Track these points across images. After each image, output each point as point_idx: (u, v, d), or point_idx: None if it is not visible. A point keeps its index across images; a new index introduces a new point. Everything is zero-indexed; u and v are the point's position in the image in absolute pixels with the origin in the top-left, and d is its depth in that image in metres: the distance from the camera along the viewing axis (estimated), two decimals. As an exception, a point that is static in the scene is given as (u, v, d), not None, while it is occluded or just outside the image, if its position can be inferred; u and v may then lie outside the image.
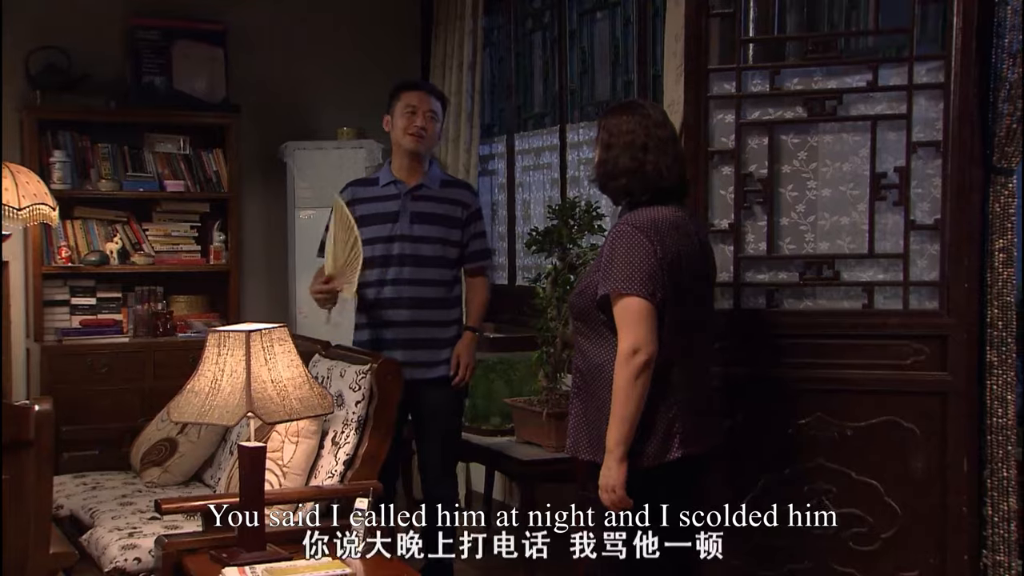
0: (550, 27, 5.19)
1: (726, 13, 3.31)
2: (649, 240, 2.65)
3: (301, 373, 3.04)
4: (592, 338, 2.75)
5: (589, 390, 2.76)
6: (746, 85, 3.27)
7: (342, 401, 3.51)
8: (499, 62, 5.61)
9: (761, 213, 3.27)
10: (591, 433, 2.75)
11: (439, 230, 3.81)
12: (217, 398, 2.89)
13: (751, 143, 3.28)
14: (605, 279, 2.66)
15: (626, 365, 2.61)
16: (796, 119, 3.23)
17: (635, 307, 2.63)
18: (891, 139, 3.14)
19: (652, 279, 2.63)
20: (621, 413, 2.62)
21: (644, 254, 2.64)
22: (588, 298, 2.73)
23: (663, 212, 2.73)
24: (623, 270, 2.64)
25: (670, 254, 2.67)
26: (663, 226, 2.69)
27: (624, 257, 2.65)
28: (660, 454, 2.68)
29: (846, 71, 3.19)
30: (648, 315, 2.63)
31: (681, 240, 2.72)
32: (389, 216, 3.81)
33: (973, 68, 2.99)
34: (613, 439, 2.63)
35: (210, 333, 2.98)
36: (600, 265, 2.71)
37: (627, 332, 2.62)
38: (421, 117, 3.77)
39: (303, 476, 3.43)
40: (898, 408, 3.10)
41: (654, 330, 2.63)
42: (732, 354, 3.23)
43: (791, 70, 3.27)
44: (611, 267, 2.65)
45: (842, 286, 3.22)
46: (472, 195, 3.94)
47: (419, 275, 3.78)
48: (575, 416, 2.81)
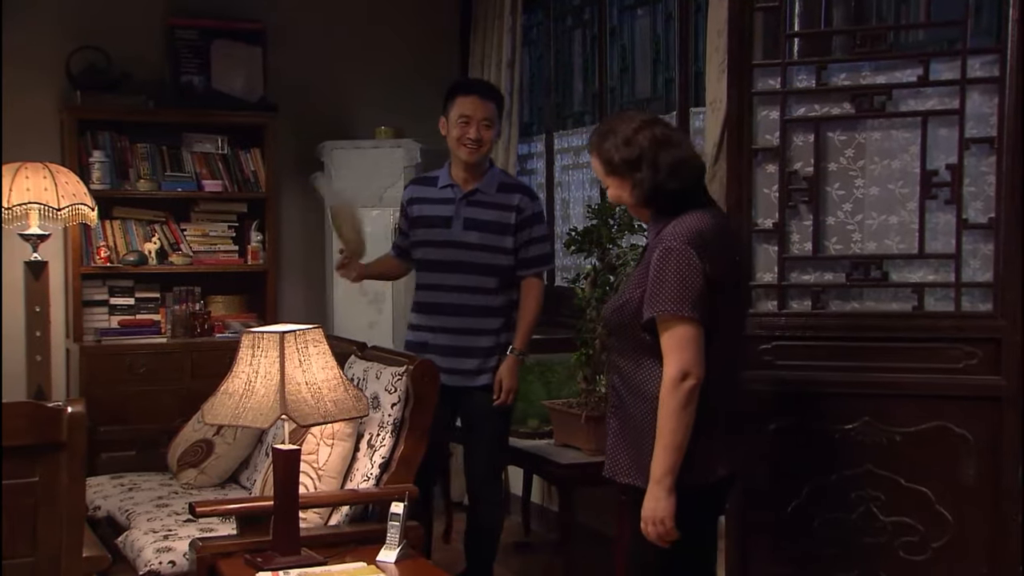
0: (590, 24, 5.12)
1: (771, 7, 3.22)
2: (700, 256, 2.52)
3: (336, 375, 3.00)
4: (630, 356, 2.63)
5: (628, 411, 2.65)
6: (791, 81, 3.19)
7: (378, 403, 3.47)
8: (538, 60, 5.56)
9: (807, 212, 3.19)
10: (631, 455, 2.64)
11: (490, 237, 3.73)
12: (251, 400, 2.86)
13: (796, 140, 3.20)
14: (654, 300, 2.52)
15: (675, 391, 2.49)
16: (843, 115, 3.14)
17: (685, 331, 2.50)
18: (942, 135, 3.05)
19: (702, 300, 2.51)
20: (671, 441, 2.50)
21: (695, 273, 2.51)
22: (628, 314, 2.60)
23: (704, 219, 2.60)
24: (674, 291, 2.50)
25: (718, 268, 2.55)
26: (709, 236, 2.57)
27: (675, 277, 2.50)
28: (705, 475, 2.58)
29: (896, 66, 3.10)
30: (698, 339, 2.51)
31: (725, 250, 2.62)
32: (443, 220, 3.77)
33: (1030, 62, 2.89)
34: (661, 469, 2.51)
35: (244, 334, 2.95)
36: (643, 281, 2.57)
37: (676, 356, 2.50)
38: (475, 128, 3.69)
39: (338, 479, 3.40)
40: (949, 413, 3.01)
41: (702, 353, 2.51)
42: (777, 357, 3.15)
43: (838, 65, 3.19)
44: (661, 287, 2.51)
45: (891, 287, 3.13)
46: (528, 199, 3.81)
47: (467, 282, 3.73)
48: (613, 436, 2.70)
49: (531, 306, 3.77)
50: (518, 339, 3.76)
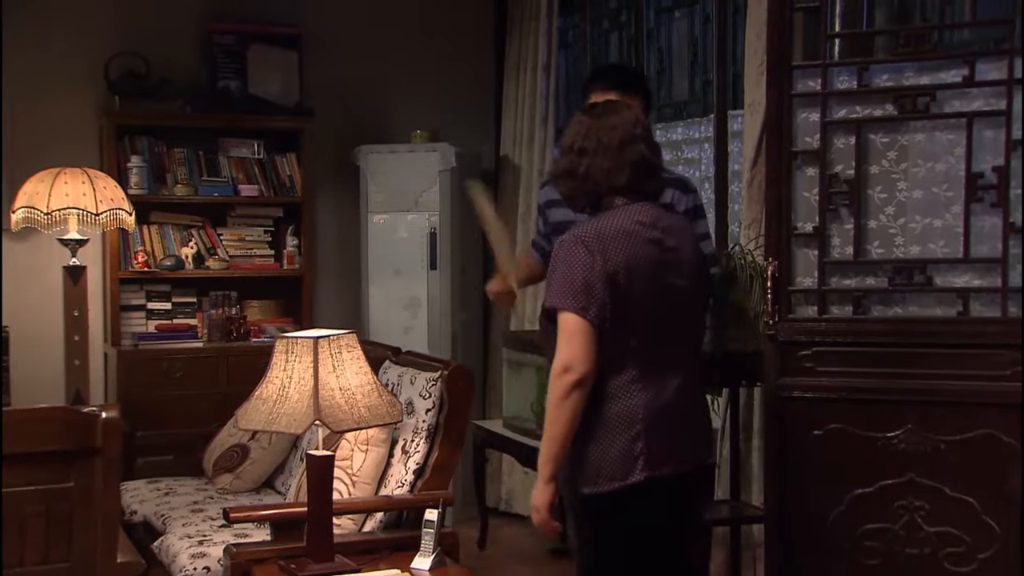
0: (627, 26, 5.08)
1: (811, 7, 3.17)
2: (589, 252, 2.51)
3: (370, 380, 2.98)
4: (549, 356, 2.59)
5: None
6: (832, 82, 3.13)
7: (412, 409, 3.45)
8: (574, 63, 5.52)
9: (848, 216, 3.13)
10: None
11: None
12: (285, 406, 2.85)
13: (837, 143, 3.14)
14: (547, 293, 2.57)
15: (556, 383, 2.47)
16: (885, 117, 3.08)
17: (569, 323, 2.48)
18: (988, 137, 2.98)
19: (588, 294, 2.48)
20: (550, 433, 2.50)
21: (581, 267, 2.50)
22: (543, 311, 2.62)
23: (615, 220, 2.58)
24: (560, 284, 2.51)
25: (618, 265, 2.51)
26: (609, 235, 2.54)
27: (562, 270, 2.52)
28: (621, 476, 2.52)
29: (940, 66, 3.03)
30: (581, 332, 2.47)
31: (636, 249, 2.56)
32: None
33: (1077, 61, 2.82)
34: (541, 458, 2.52)
35: (278, 339, 2.94)
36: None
37: (560, 349, 2.48)
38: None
39: (373, 485, 3.38)
40: (996, 421, 2.94)
41: (589, 348, 2.47)
42: (817, 363, 3.10)
43: (880, 66, 3.13)
44: (551, 280, 2.54)
45: (935, 292, 3.06)
46: (683, 193, 3.29)
47: None
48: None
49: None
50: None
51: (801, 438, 3.10)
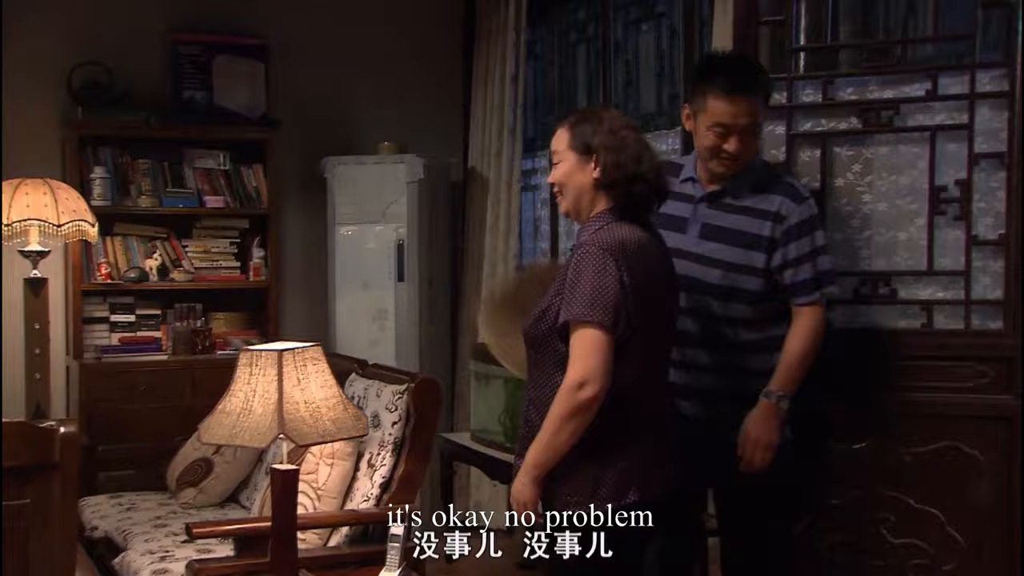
0: (594, 39, 5.09)
1: (776, 21, 3.19)
2: (616, 264, 2.44)
3: (335, 393, 2.95)
4: (544, 369, 2.54)
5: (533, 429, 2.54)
6: (797, 95, 3.15)
7: (378, 422, 3.42)
8: (542, 75, 5.53)
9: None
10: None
11: (733, 252, 2.85)
12: (248, 419, 2.81)
13: (803, 155, 3.16)
14: (569, 304, 2.44)
15: (570, 397, 2.41)
16: (850, 130, 3.10)
17: (592, 338, 2.42)
18: (951, 151, 3.01)
19: (616, 309, 2.42)
20: (550, 441, 2.45)
21: (612, 280, 2.42)
22: (548, 323, 2.51)
23: (631, 232, 2.51)
24: (587, 296, 2.42)
25: (638, 280, 2.46)
26: (631, 248, 2.48)
27: (590, 282, 2.42)
28: (616, 496, 2.50)
29: (903, 80, 3.06)
30: (605, 348, 2.42)
31: (648, 264, 2.52)
32: (677, 222, 2.89)
33: (1041, 77, 2.85)
34: (534, 459, 2.48)
35: (241, 352, 2.90)
36: (561, 289, 2.48)
37: (579, 363, 2.41)
38: (736, 141, 2.79)
39: (338, 499, 3.35)
40: (960, 433, 2.96)
41: (608, 364, 2.42)
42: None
43: (845, 79, 3.15)
44: (575, 292, 2.44)
45: (899, 304, 3.08)
46: (793, 202, 2.84)
47: (702, 306, 2.88)
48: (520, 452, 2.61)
49: (798, 341, 2.83)
50: (777, 377, 2.82)
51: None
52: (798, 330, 2.83)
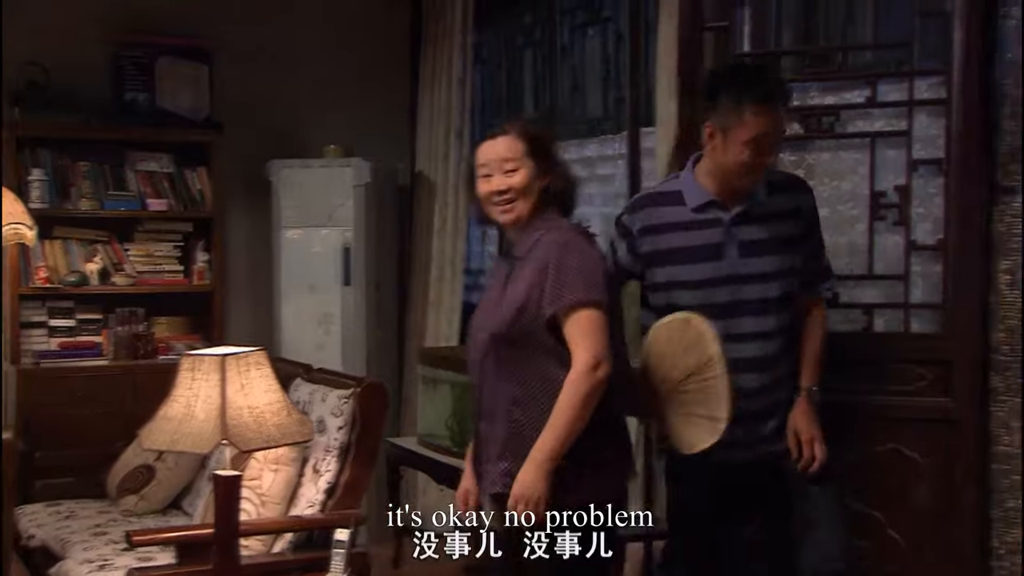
0: (541, 43, 5.10)
1: (720, 27, 3.22)
2: (592, 244, 2.58)
3: (280, 398, 2.93)
4: (531, 364, 2.53)
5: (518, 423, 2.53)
6: (741, 101, 3.17)
7: (324, 427, 3.40)
8: (490, 78, 5.53)
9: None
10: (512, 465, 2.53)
11: (778, 260, 2.74)
12: (190, 425, 2.78)
13: (747, 160, 3.18)
14: (560, 292, 2.46)
15: (588, 379, 2.43)
16: (792, 136, 3.14)
17: (592, 318, 2.46)
18: (891, 157, 3.06)
19: (606, 289, 2.51)
20: (570, 429, 2.44)
21: (597, 261, 2.54)
22: (528, 320, 2.51)
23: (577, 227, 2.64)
24: (580, 279, 2.46)
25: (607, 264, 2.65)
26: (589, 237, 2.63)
27: (575, 265, 2.48)
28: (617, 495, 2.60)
29: (844, 87, 3.11)
30: (605, 327, 2.48)
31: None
32: (707, 251, 2.74)
33: (975, 84, 2.90)
34: (551, 450, 2.44)
35: (183, 357, 2.87)
36: (538, 282, 2.50)
37: (590, 344, 2.44)
38: (768, 149, 2.68)
39: (283, 505, 3.32)
40: (900, 435, 3.00)
41: (609, 345, 2.48)
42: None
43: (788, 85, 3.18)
44: (565, 278, 2.47)
45: (840, 308, 3.11)
46: (804, 193, 2.83)
47: (762, 326, 2.75)
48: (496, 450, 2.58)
49: (820, 330, 2.83)
50: (807, 372, 2.81)
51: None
52: (819, 320, 2.83)
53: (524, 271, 2.54)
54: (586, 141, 4.75)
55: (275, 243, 5.21)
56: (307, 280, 5.15)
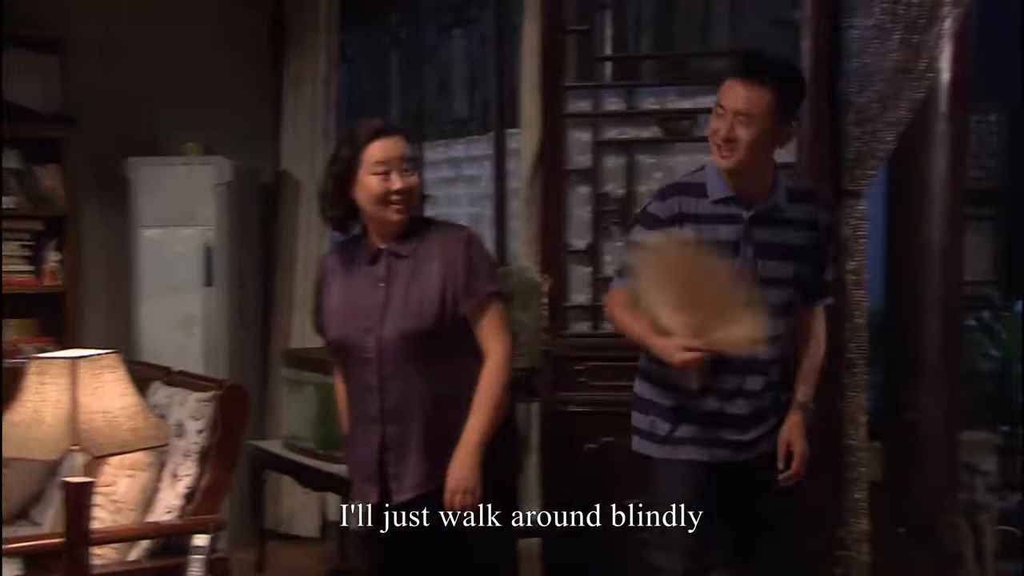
0: (406, 43, 5.09)
1: (582, 31, 3.27)
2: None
3: (135, 402, 2.84)
4: (451, 360, 2.56)
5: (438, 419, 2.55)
6: (602, 103, 3.24)
7: (183, 431, 3.32)
8: (355, 78, 5.49)
9: (619, 233, 3.23)
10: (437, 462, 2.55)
11: (789, 267, 2.68)
12: (39, 430, 2.68)
13: (608, 162, 3.25)
14: (476, 286, 2.53)
15: (507, 368, 2.56)
16: (652, 138, 3.21)
17: (503, 310, 2.60)
18: (745, 160, 3.13)
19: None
20: (495, 418, 2.53)
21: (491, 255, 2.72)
22: (450, 313, 2.53)
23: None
24: (490, 272, 2.59)
25: None
26: None
27: (486, 259, 2.60)
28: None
29: (700, 91, 3.19)
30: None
31: None
32: (725, 246, 2.64)
33: (823, 90, 3.02)
34: (482, 440, 2.51)
35: (31, 361, 2.77)
36: (447, 279, 2.53)
37: (504, 335, 2.57)
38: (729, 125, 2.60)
39: (138, 512, 3.23)
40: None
41: None
42: (591, 377, 3.17)
43: (647, 89, 3.26)
44: (480, 271, 2.55)
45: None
46: (825, 207, 2.82)
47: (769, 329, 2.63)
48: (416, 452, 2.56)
49: (822, 342, 2.80)
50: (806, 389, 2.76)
51: (576, 452, 3.17)
52: (820, 331, 2.78)
53: (425, 268, 2.55)
54: (453, 142, 4.77)
55: (133, 243, 5.05)
56: (167, 281, 5.02)
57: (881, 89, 2.96)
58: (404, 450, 2.57)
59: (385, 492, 2.61)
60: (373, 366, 2.56)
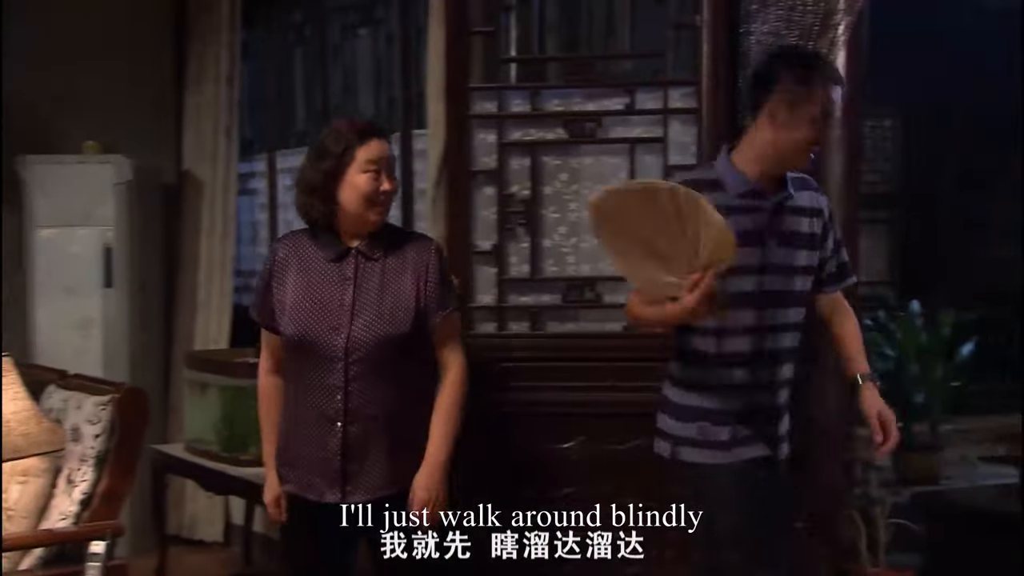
0: (311, 41, 5.04)
1: (487, 32, 3.28)
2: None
3: (27, 407, 2.78)
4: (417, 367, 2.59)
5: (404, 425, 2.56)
6: (508, 105, 3.25)
7: (79, 436, 3.24)
8: (259, 76, 5.42)
9: (524, 235, 3.26)
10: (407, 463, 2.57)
11: (808, 255, 2.68)
12: (-76, 437, 2.59)
13: (513, 164, 3.26)
14: (446, 297, 2.58)
15: (467, 381, 2.61)
16: (557, 140, 3.23)
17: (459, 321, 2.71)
18: (648, 162, 3.19)
19: None
20: (457, 430, 2.59)
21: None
22: (421, 325, 2.55)
23: None
24: (452, 284, 2.67)
25: None
26: None
27: (448, 270, 2.65)
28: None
29: (604, 93, 3.22)
30: None
31: None
32: (752, 237, 2.59)
33: (723, 94, 3.08)
34: (448, 453, 2.56)
35: (-84, 365, 2.67)
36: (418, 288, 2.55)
37: (461, 348, 2.62)
38: (824, 127, 2.60)
39: (32, 519, 3.15)
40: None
41: None
42: (498, 379, 3.18)
43: (552, 91, 3.28)
44: (447, 282, 2.61)
45: (604, 308, 3.23)
46: (821, 193, 2.77)
47: (796, 318, 2.68)
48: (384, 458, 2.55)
49: (854, 318, 2.82)
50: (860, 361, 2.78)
51: (483, 453, 3.17)
52: (848, 309, 2.81)
53: (398, 275, 2.55)
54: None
55: (28, 243, 4.92)
56: (64, 282, 4.89)
57: (779, 94, 3.01)
58: (366, 451, 2.53)
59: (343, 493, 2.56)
60: (339, 365, 2.50)
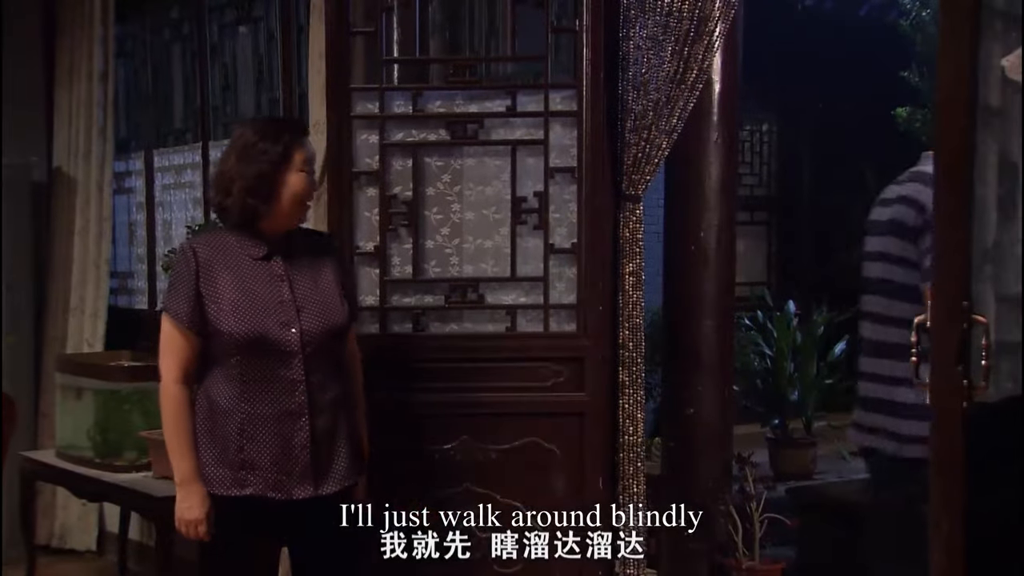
0: (190, 39, 4.93)
1: (368, 32, 3.25)
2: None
3: None
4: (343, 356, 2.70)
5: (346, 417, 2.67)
6: (390, 106, 3.23)
7: (-59, 446, 3.10)
8: (135, 73, 5.27)
9: (406, 236, 3.24)
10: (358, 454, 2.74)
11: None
12: None
13: (396, 165, 3.24)
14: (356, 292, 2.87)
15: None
16: (439, 142, 3.23)
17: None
18: (531, 164, 3.21)
19: None
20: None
21: None
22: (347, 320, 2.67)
23: None
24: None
25: None
26: None
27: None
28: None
29: (487, 95, 3.23)
30: None
31: None
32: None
33: (602, 98, 3.12)
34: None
35: None
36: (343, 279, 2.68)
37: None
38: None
39: None
40: (540, 429, 3.16)
41: None
42: (381, 379, 3.16)
43: (434, 92, 3.28)
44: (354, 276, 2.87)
45: (487, 309, 3.24)
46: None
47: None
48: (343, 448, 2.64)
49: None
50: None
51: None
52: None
53: (322, 271, 2.63)
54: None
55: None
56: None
57: (656, 97, 3.07)
58: (332, 442, 2.60)
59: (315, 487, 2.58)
60: (297, 359, 2.53)
